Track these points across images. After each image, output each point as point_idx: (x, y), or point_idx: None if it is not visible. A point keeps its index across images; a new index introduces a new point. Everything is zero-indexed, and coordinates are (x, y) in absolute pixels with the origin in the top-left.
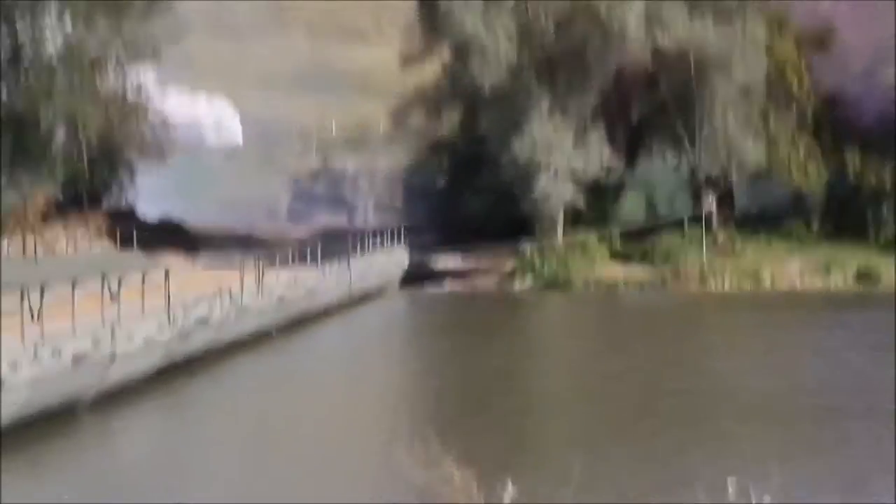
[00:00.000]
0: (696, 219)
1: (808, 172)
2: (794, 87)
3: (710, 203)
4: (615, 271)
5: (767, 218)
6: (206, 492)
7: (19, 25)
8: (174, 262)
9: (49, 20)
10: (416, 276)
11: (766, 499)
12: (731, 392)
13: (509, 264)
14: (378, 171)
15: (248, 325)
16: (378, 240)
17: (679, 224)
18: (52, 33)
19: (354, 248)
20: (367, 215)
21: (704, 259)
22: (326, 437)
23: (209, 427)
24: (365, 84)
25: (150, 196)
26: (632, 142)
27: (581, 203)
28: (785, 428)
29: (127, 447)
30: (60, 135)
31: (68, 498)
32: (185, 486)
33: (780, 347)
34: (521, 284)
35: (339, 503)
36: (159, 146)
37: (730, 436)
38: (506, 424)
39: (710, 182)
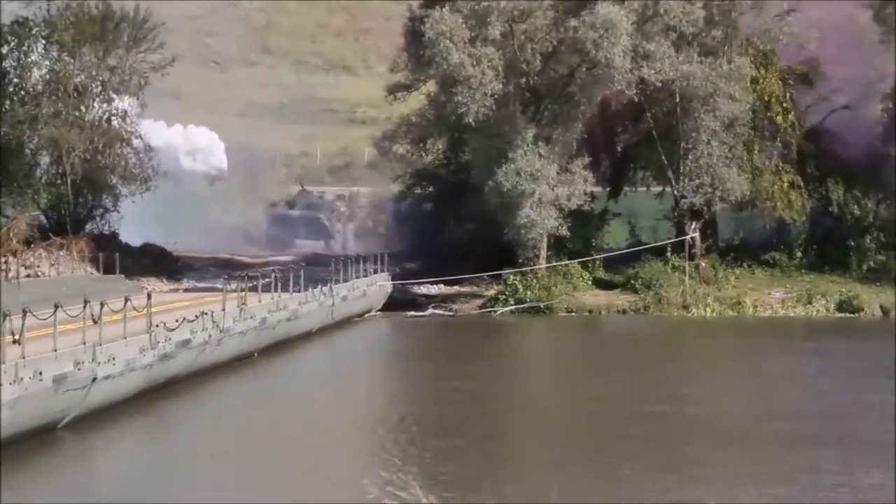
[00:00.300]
0: (679, 247)
1: (791, 203)
2: (779, 120)
3: (693, 232)
4: (598, 298)
5: (750, 247)
6: None
7: (4, 51)
8: (157, 286)
9: (34, 48)
10: (398, 302)
11: None
12: (706, 417)
13: (492, 290)
14: (361, 197)
15: (230, 348)
16: (361, 265)
17: (662, 252)
18: (37, 61)
19: (338, 272)
20: (347, 241)
21: (687, 286)
22: (304, 459)
23: (189, 448)
24: (350, 113)
25: (133, 221)
26: (616, 171)
27: (564, 230)
28: (755, 453)
29: (107, 467)
30: (44, 160)
31: None
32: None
33: (757, 374)
34: (504, 310)
35: None
36: (143, 172)
37: (701, 460)
38: (478, 448)
39: (694, 211)
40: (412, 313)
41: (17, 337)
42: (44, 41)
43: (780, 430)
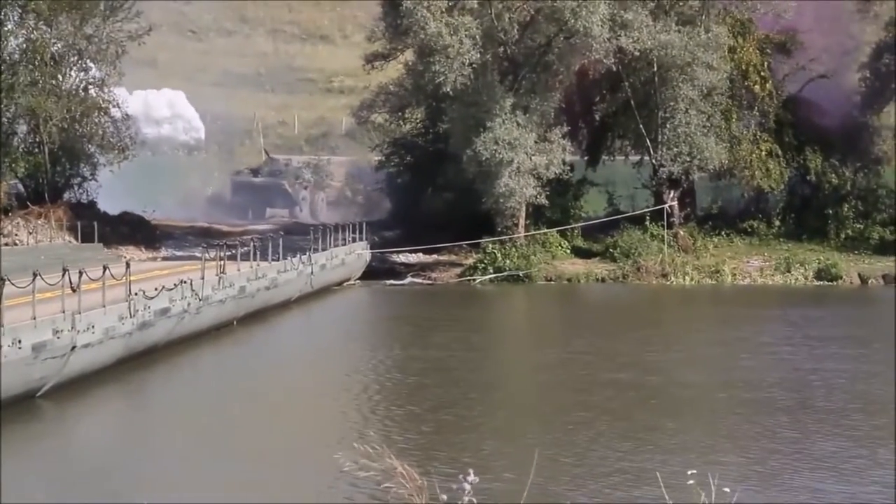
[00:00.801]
0: (657, 216)
1: (769, 172)
2: (757, 89)
3: (671, 200)
4: (576, 266)
5: (728, 216)
6: (162, 479)
7: None
8: (135, 254)
9: (10, 16)
10: (377, 271)
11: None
12: (664, 385)
13: (471, 259)
14: (332, 166)
15: (209, 317)
16: (340, 234)
17: (640, 221)
18: (14, 30)
19: (316, 241)
20: (316, 210)
21: (665, 255)
22: (281, 429)
23: (167, 417)
24: (327, 83)
25: (111, 190)
26: (594, 140)
27: (543, 199)
28: (711, 421)
29: (86, 435)
30: (21, 129)
31: (27, 483)
32: (143, 471)
33: (725, 342)
34: (482, 279)
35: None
36: (121, 141)
37: (656, 428)
38: (451, 417)
39: (672, 180)
40: (391, 282)
41: None
42: (20, 10)
43: (738, 398)
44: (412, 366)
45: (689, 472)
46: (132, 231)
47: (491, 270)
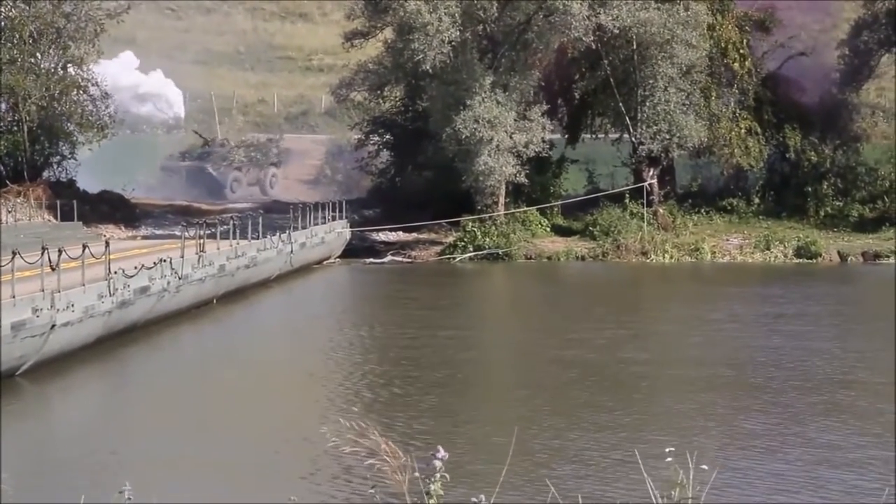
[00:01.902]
0: (637, 194)
1: (748, 150)
2: (736, 67)
3: (650, 178)
4: (556, 244)
5: (708, 194)
6: (144, 457)
7: None
8: (115, 233)
9: None
10: (357, 249)
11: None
12: (606, 363)
13: (450, 237)
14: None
15: (189, 295)
16: (320, 212)
17: (620, 199)
18: None
19: (296, 220)
20: (266, 188)
21: (645, 233)
22: (263, 406)
23: (148, 395)
24: (307, 61)
25: (90, 168)
26: (574, 118)
27: (523, 178)
28: (646, 398)
29: (66, 414)
30: (0, 107)
31: (8, 463)
32: (124, 450)
33: (685, 319)
34: (462, 257)
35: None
36: (100, 119)
37: (589, 405)
38: (414, 395)
39: (651, 158)
40: (371, 260)
41: None
42: None
43: (678, 376)
44: (391, 344)
45: (668, 450)
46: (112, 210)
47: (471, 249)
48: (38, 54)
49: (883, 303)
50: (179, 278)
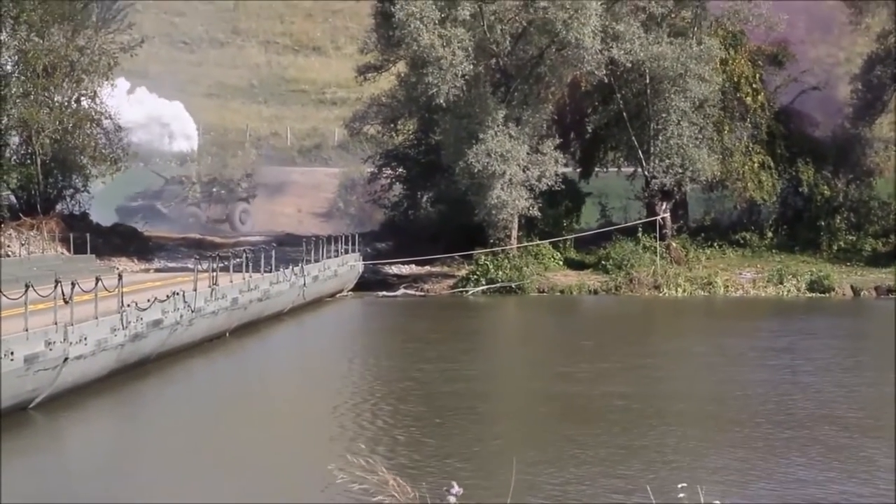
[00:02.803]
0: (650, 227)
1: (761, 183)
2: (749, 101)
3: (663, 212)
4: (569, 278)
5: (721, 228)
6: (155, 491)
7: None
8: (128, 265)
9: (3, 28)
10: (370, 282)
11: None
12: (587, 395)
13: (463, 270)
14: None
15: (202, 328)
16: (333, 246)
17: (633, 232)
18: (6, 41)
19: (309, 253)
20: (235, 222)
21: (658, 267)
22: (273, 439)
23: (160, 429)
24: (320, 94)
25: (103, 201)
26: (587, 152)
27: (535, 211)
28: (618, 431)
29: (79, 448)
30: (14, 140)
31: (20, 495)
32: (135, 484)
33: (677, 353)
34: (475, 290)
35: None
36: (113, 152)
37: (569, 438)
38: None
39: (664, 192)
40: (383, 293)
41: None
42: (12, 21)
43: (652, 409)
44: (403, 378)
45: (680, 486)
46: (125, 242)
47: (483, 282)
48: (51, 87)
49: (885, 337)
50: (192, 311)
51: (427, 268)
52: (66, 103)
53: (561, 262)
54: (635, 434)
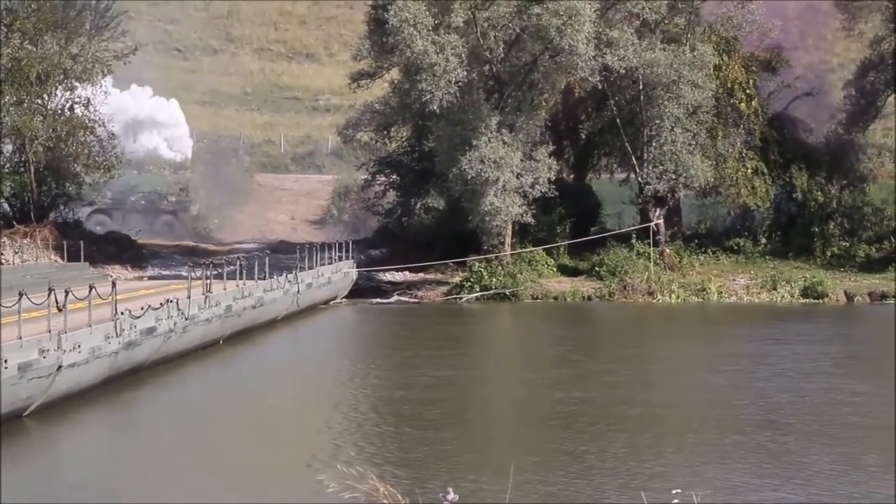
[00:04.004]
0: (643, 234)
1: (755, 190)
2: (743, 107)
3: (657, 218)
4: (562, 284)
5: (715, 234)
6: (148, 499)
7: None
8: (121, 273)
9: None
10: (363, 289)
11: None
12: (557, 401)
13: (457, 277)
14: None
15: (195, 336)
16: (326, 253)
17: (627, 239)
18: None
19: (302, 260)
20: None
21: (651, 273)
22: (266, 447)
23: (154, 437)
24: (313, 101)
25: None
26: (580, 158)
27: (529, 218)
28: (572, 435)
29: (73, 456)
30: (7, 148)
31: (15, 502)
32: (129, 491)
33: (664, 359)
34: (468, 297)
35: None
36: (106, 160)
37: (509, 440)
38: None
39: (658, 198)
40: (377, 300)
41: None
42: (5, 28)
43: (620, 414)
44: (397, 385)
45: (674, 492)
46: (118, 250)
47: (477, 289)
48: (44, 95)
49: (857, 341)
50: (186, 319)
51: (421, 275)
52: (59, 111)
53: (555, 269)
54: (580, 440)
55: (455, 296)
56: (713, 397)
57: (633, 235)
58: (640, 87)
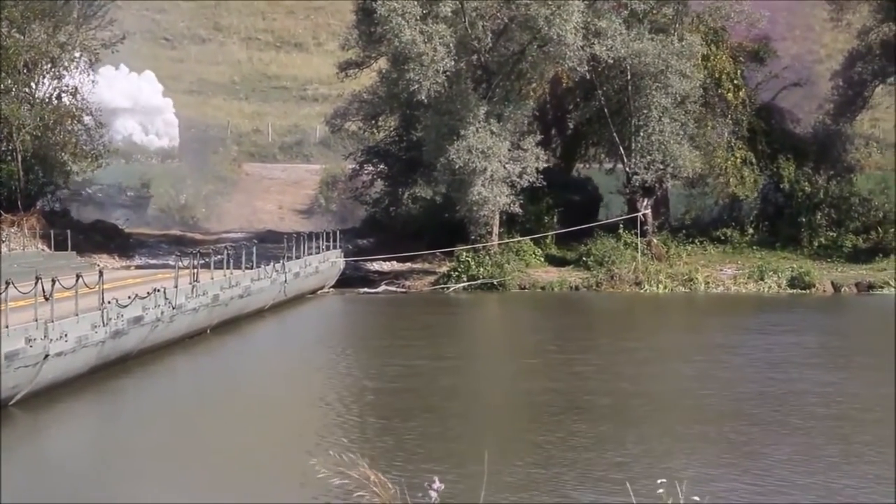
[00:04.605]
0: (631, 224)
1: (742, 180)
2: (730, 97)
3: (645, 208)
4: (550, 274)
5: (702, 224)
6: (136, 487)
7: None
8: (109, 262)
9: None
10: (351, 279)
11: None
12: (513, 391)
13: (444, 267)
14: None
15: (183, 325)
16: (314, 242)
17: (614, 229)
18: None
19: (290, 249)
20: None
21: (639, 263)
22: (254, 435)
23: (141, 426)
24: (301, 91)
25: (84, 198)
26: (568, 148)
27: (517, 208)
28: (534, 425)
29: (59, 445)
30: None
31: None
32: (117, 480)
33: (640, 349)
34: (456, 287)
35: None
36: (94, 149)
37: (448, 431)
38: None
39: (646, 188)
40: (364, 290)
41: None
42: None
43: (584, 405)
44: (383, 374)
45: (659, 482)
46: (105, 239)
47: (464, 278)
48: (32, 84)
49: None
50: (173, 308)
51: (408, 264)
52: (46, 100)
53: (542, 259)
54: (542, 430)
55: (442, 285)
56: (680, 387)
57: (621, 225)
58: (628, 77)
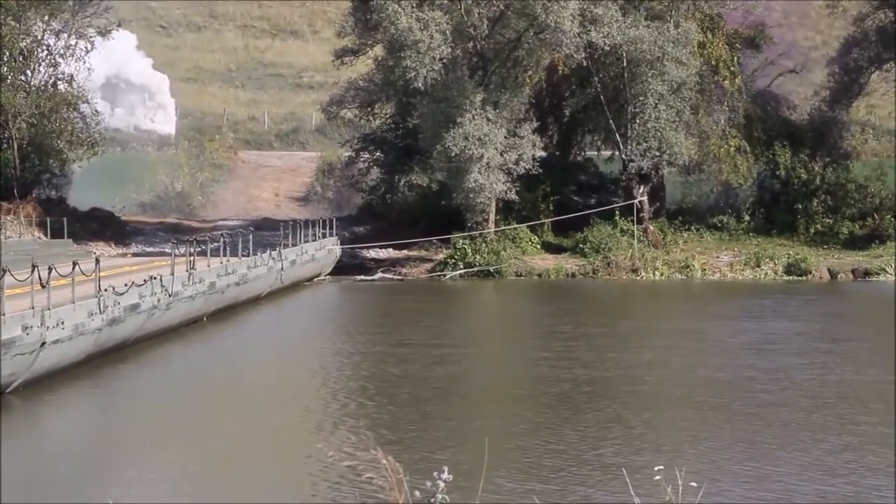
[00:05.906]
0: (627, 211)
1: (738, 167)
2: (726, 84)
3: (641, 195)
4: (546, 261)
5: (698, 211)
6: (134, 475)
7: None
8: (105, 250)
9: None
10: (347, 266)
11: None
12: (497, 378)
13: (441, 255)
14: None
15: (179, 312)
16: (310, 230)
17: (611, 216)
18: None
19: (286, 237)
20: None
21: (635, 250)
22: (256, 422)
23: (138, 413)
24: (297, 78)
25: (81, 185)
26: (564, 135)
27: (513, 195)
28: (531, 412)
29: (56, 432)
30: None
31: None
32: (114, 468)
33: (625, 336)
34: (452, 274)
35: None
36: (90, 137)
37: (446, 418)
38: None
39: (642, 175)
40: (361, 278)
41: None
42: None
43: (537, 392)
44: (380, 361)
45: (657, 468)
46: (102, 227)
47: (461, 266)
48: (28, 71)
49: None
50: (170, 296)
51: (405, 252)
52: (42, 87)
53: (538, 246)
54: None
55: (439, 273)
56: (637, 374)
57: (617, 213)
58: (625, 65)
